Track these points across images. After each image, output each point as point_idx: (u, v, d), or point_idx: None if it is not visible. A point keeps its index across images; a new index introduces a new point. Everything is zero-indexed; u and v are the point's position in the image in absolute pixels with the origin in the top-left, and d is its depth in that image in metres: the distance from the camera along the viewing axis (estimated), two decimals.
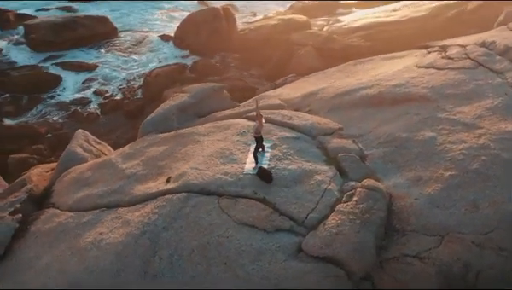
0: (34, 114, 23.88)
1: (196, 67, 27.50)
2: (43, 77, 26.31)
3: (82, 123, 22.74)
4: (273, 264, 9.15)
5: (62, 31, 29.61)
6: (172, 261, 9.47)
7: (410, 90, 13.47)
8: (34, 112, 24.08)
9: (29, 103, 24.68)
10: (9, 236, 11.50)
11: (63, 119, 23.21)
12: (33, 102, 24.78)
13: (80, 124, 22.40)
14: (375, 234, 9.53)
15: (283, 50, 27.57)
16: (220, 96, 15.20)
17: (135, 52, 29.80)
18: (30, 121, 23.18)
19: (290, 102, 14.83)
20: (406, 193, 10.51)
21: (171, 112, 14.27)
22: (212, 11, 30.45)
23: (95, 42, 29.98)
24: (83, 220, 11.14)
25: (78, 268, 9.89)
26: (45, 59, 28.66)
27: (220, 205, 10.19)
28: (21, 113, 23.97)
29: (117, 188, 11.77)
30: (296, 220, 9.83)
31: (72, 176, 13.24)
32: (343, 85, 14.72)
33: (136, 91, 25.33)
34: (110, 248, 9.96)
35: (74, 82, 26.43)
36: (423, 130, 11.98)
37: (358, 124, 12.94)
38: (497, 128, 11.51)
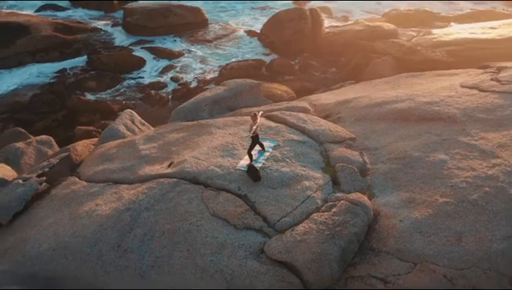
0: (113, 92, 25.62)
1: (272, 65, 27.81)
2: (128, 58, 28.09)
3: (153, 106, 24.01)
4: (231, 260, 9.24)
5: (155, 17, 31.36)
6: (144, 240, 9.91)
7: (441, 109, 12.72)
8: (113, 90, 25.83)
9: (111, 81, 26.50)
10: (30, 195, 12.59)
11: (136, 100, 24.64)
12: (115, 81, 26.57)
13: (151, 107, 23.72)
14: (342, 248, 9.22)
15: (362, 57, 27.00)
16: (255, 93, 15.38)
17: (219, 44, 30.74)
18: (106, 98, 24.91)
19: (323, 108, 14.64)
20: (394, 213, 10.02)
21: (204, 102, 14.71)
22: (298, 11, 30.55)
23: (184, 31, 31.35)
24: (90, 191, 11.93)
25: (68, 232, 10.65)
26: (135, 42, 30.55)
27: (202, 195, 10.44)
28: (101, 90, 25.82)
29: (128, 166, 12.44)
30: (268, 221, 9.81)
31: (101, 151, 14.17)
32: (378, 96, 14.23)
33: (212, 82, 26.18)
34: (97, 219, 10.61)
35: (156, 66, 27.91)
36: (437, 152, 11.30)
37: (377, 138, 12.50)
38: None
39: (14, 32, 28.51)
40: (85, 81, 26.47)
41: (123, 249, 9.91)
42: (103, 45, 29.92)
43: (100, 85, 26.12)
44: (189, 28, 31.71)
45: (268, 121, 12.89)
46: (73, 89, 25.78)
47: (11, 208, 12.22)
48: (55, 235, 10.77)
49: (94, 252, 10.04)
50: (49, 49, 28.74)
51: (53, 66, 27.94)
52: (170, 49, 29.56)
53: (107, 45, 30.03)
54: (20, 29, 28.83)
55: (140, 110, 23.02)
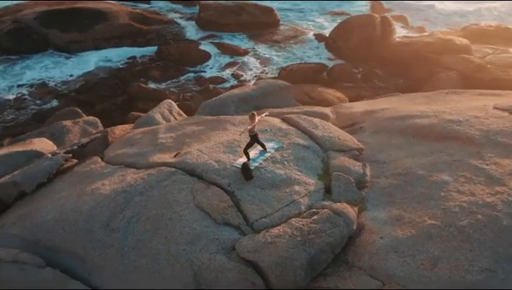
0: (173, 83, 26.60)
1: (333, 71, 27.54)
2: (194, 52, 29.01)
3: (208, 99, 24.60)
4: (202, 252, 9.43)
5: (227, 14, 32.11)
6: (130, 222, 10.34)
7: (462, 129, 12.09)
8: (174, 81, 26.81)
9: (174, 72, 27.52)
10: (54, 169, 13.43)
11: (193, 93, 25.42)
12: (178, 72, 27.57)
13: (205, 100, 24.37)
14: (311, 256, 9.10)
15: (427, 70, 26.02)
16: (285, 95, 15.41)
17: (286, 46, 30.88)
18: (166, 88, 25.92)
19: (349, 116, 14.42)
20: (378, 229, 9.73)
21: (231, 99, 14.99)
22: (368, 18, 29.95)
23: (254, 29, 31.80)
24: (103, 171, 12.58)
25: (71, 206, 11.32)
26: (205, 37, 31.47)
27: (193, 187, 10.71)
28: (164, 80, 26.89)
29: (143, 152, 12.96)
30: (248, 220, 9.90)
31: (129, 135, 14.86)
32: (405, 110, 13.76)
33: None
34: (96, 197, 11.20)
35: (220, 62, 28.61)
36: (442, 172, 10.79)
37: (390, 151, 12.14)
38: None
39: (94, 18, 30.42)
40: (151, 70, 27.68)
41: (111, 228, 10.40)
42: (174, 37, 31.09)
43: (163, 75, 27.20)
44: (260, 27, 32.13)
45: (281, 123, 12.90)
46: (138, 77, 27.05)
47: (36, 179, 13.13)
48: (61, 208, 11.48)
49: (86, 228, 10.62)
50: (124, 37, 30.34)
51: (125, 53, 29.46)
52: (236, 46, 30.16)
53: (178, 37, 31.18)
54: (99, 15, 30.71)
55: (195, 102, 23.71)
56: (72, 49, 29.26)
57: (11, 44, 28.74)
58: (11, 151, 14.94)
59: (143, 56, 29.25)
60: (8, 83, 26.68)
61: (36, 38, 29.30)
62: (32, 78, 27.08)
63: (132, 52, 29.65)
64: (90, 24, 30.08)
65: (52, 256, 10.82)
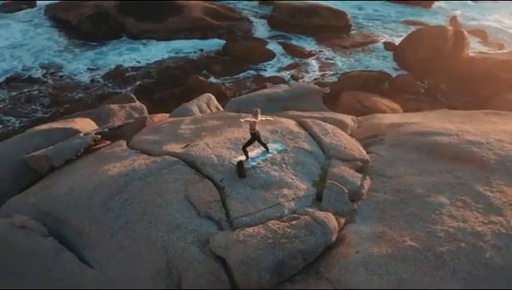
0: (233, 79, 27.07)
1: (395, 81, 26.69)
2: (260, 50, 29.31)
3: None
4: (178, 241, 9.68)
5: (298, 15, 32.10)
6: (124, 204, 10.79)
7: (479, 152, 11.42)
8: (235, 77, 27.27)
9: (236, 68, 27.99)
10: (81, 147, 14.19)
11: (248, 90, 25.73)
12: (239, 69, 28.01)
13: None
14: (278, 260, 9.04)
15: (496, 89, 24.51)
16: (315, 99, 15.27)
17: (352, 52, 30.36)
18: (224, 83, 26.46)
19: (374, 127, 14.06)
20: (356, 243, 9.47)
21: (260, 98, 15.11)
22: (440, 29, 28.64)
23: (324, 32, 31.53)
24: (121, 154, 13.18)
25: (79, 183, 12.01)
26: (273, 36, 31.67)
27: (187, 179, 10.97)
28: (224, 75, 27.46)
29: (161, 140, 13.43)
30: (229, 216, 10.02)
31: (158, 124, 15.44)
32: (431, 126, 13.15)
33: (326, 87, 26.16)
34: (103, 178, 11.79)
35: (283, 62, 28.71)
36: (441, 194, 10.28)
37: (400, 167, 11.71)
38: None
39: (171, 10, 31.64)
40: (214, 64, 28.36)
41: (107, 207, 10.91)
42: (243, 34, 31.60)
43: (225, 70, 27.77)
44: (330, 31, 31.80)
45: (295, 126, 12.83)
46: (201, 69, 27.85)
47: (64, 155, 14.01)
48: (74, 184, 12.21)
49: (87, 204, 11.21)
50: (194, 30, 31.30)
51: (193, 46, 30.40)
52: (301, 48, 30.10)
53: (247, 35, 31.65)
54: (176, 8, 31.89)
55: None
56: (145, 37, 30.64)
57: (90, 29, 30.65)
58: (52, 127, 16.01)
59: (210, 50, 30.01)
60: (84, 65, 28.48)
61: (113, 25, 31.04)
62: (106, 62, 28.69)
63: (201, 45, 30.53)
64: (165, 15, 31.34)
65: (57, 227, 11.53)
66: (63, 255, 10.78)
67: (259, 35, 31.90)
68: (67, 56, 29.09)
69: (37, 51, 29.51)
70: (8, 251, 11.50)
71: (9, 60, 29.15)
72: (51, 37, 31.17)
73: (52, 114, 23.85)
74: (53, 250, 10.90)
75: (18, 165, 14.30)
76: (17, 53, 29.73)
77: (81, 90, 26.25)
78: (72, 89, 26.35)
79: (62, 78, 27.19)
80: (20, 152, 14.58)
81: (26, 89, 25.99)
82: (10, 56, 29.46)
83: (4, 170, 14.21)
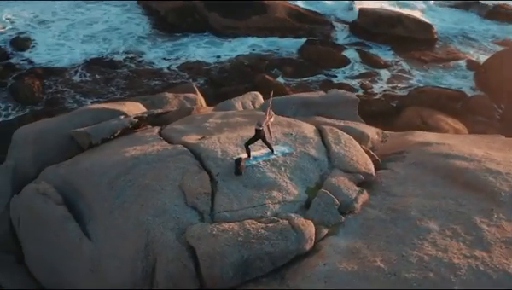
0: (300, 81, 27.02)
1: (469, 102, 25.06)
2: (335, 55, 28.91)
3: None
4: (159, 227, 10.06)
5: (381, 24, 31.22)
6: (126, 185, 11.34)
7: (492, 182, 10.65)
8: (302, 80, 27.20)
9: (306, 71, 27.86)
10: (117, 129, 14.82)
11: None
12: (309, 72, 27.82)
13: None
14: (245, 260, 9.12)
15: None
16: (350, 108, 14.92)
17: (431, 67, 28.89)
18: (290, 84, 26.55)
19: (402, 144, 13.51)
20: (328, 256, 9.28)
21: (293, 101, 15.07)
22: None
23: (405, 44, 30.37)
24: (147, 139, 13.68)
25: (100, 161, 12.74)
26: (352, 43, 31.10)
27: (187, 168, 11.31)
28: (293, 76, 27.45)
29: (185, 130, 13.82)
30: (213, 210, 10.22)
31: (194, 115, 15.88)
32: (459, 149, 12.34)
33: (394, 100, 25.36)
34: (118, 158, 12.43)
35: (356, 70, 28.16)
36: (434, 220, 9.77)
37: (409, 187, 11.20)
38: (499, 262, 8.51)
39: (254, 9, 32.18)
40: (286, 65, 28.49)
41: (111, 186, 11.55)
42: (323, 38, 31.38)
43: (295, 72, 27.80)
44: (412, 43, 30.55)
45: (312, 132, 12.69)
46: (272, 68, 28.14)
47: (102, 134, 14.85)
48: (96, 161, 13.00)
49: (98, 181, 11.92)
50: (275, 30, 31.57)
51: (271, 44, 30.72)
52: (378, 58, 29.27)
53: (326, 38, 31.36)
54: (260, 7, 32.37)
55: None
56: (226, 33, 31.45)
57: (175, 20, 32.04)
58: (101, 107, 17.10)
59: (286, 51, 30.15)
60: (164, 54, 29.84)
61: (197, 19, 32.18)
62: (184, 53, 29.86)
63: (278, 44, 30.78)
64: (248, 13, 31.95)
65: (74, 198, 12.42)
66: (69, 224, 11.58)
67: (339, 40, 31.53)
68: (150, 44, 30.65)
69: (124, 36, 31.38)
70: (33, 216, 12.56)
71: (101, 42, 31.23)
72: (139, 24, 32.98)
73: (126, 97, 25.20)
74: (62, 218, 11.75)
75: (65, 138, 15.37)
76: (109, 36, 31.73)
77: (157, 78, 27.53)
78: (149, 75, 27.71)
79: (141, 63, 28.70)
80: (69, 127, 15.65)
81: (106, 71, 27.75)
82: (102, 39, 31.54)
83: (53, 141, 15.36)
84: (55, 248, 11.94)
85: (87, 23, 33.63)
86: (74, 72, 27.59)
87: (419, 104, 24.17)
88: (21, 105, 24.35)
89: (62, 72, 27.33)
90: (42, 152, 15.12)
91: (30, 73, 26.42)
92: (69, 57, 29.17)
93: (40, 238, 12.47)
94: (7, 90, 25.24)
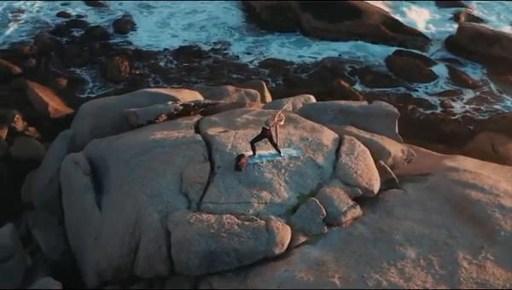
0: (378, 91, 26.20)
1: None
2: (421, 69, 27.39)
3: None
4: (149, 208, 10.63)
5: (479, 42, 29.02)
6: (139, 165, 12.01)
7: (498, 219, 9.87)
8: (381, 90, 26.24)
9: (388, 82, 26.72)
10: (161, 114, 15.44)
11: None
12: (390, 83, 26.61)
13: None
14: (210, 251, 9.38)
15: None
16: (389, 123, 14.30)
17: None
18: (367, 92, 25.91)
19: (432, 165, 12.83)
20: (294, 263, 9.26)
21: (332, 108, 14.82)
22: None
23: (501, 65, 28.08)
24: (180, 126, 14.15)
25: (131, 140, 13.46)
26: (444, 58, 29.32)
27: (194, 157, 11.71)
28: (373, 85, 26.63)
29: (215, 122, 14.15)
30: (201, 199, 10.54)
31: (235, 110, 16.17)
32: (480, 180, 11.51)
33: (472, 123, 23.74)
34: (144, 140, 13.07)
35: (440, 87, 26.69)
36: (415, 247, 9.34)
37: (411, 210, 10.69)
38: None
39: (348, 13, 31.63)
40: (368, 73, 27.68)
41: (127, 164, 12.32)
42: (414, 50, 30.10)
43: (376, 81, 26.93)
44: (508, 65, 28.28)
45: (330, 140, 12.47)
46: (353, 75, 27.66)
47: (147, 116, 15.68)
48: (128, 139, 13.81)
49: (120, 157, 12.76)
50: (366, 37, 30.83)
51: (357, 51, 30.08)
52: (467, 76, 27.38)
53: (416, 51, 30.01)
54: (355, 12, 31.71)
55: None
56: (316, 35, 31.24)
57: (268, 17, 32.42)
58: (158, 91, 18.06)
59: (371, 59, 29.34)
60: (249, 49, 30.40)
61: (290, 18, 32.32)
62: (269, 51, 30.21)
63: (365, 51, 29.97)
64: (341, 17, 31.51)
65: (103, 171, 13.39)
66: (88, 193, 12.56)
67: (430, 54, 30.03)
68: (238, 37, 31.40)
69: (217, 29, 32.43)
70: (67, 182, 13.74)
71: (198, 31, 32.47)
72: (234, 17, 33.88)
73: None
74: (84, 187, 12.75)
75: (120, 116, 16.49)
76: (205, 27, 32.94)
77: (238, 71, 28.19)
78: (231, 68, 28.46)
79: (226, 55, 29.55)
80: (126, 106, 16.75)
81: (192, 60, 28.95)
82: (199, 28, 32.82)
83: (109, 118, 16.57)
84: (78, 214, 12.96)
85: (188, 12, 35.09)
86: (163, 57, 29.10)
87: (497, 130, 22.42)
88: (107, 83, 26.22)
89: (151, 57, 28.94)
90: (98, 126, 16.36)
91: (121, 54, 28.26)
92: (163, 43, 30.66)
93: (71, 203, 13.60)
94: (98, 68, 27.24)
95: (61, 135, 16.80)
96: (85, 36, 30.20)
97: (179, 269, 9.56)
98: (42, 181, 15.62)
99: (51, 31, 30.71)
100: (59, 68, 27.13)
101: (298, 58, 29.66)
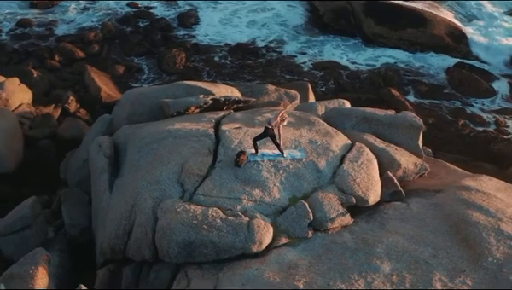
0: (431, 104, 25.30)
1: None
2: (480, 85, 26.10)
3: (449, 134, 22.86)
4: (146, 193, 11.03)
5: None
6: (149, 152, 12.38)
7: (489, 243, 9.42)
8: (434, 102, 25.31)
9: (442, 94, 25.75)
10: (192, 106, 16.11)
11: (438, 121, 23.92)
12: (445, 96, 25.52)
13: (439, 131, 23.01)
14: (189, 241, 9.64)
15: None
16: (413, 135, 13.77)
17: None
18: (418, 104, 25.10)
19: (445, 182, 12.42)
20: (267, 263, 9.35)
21: (356, 114, 14.49)
22: None
23: None
24: (201, 119, 14.49)
25: (149, 129, 13.97)
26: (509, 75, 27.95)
27: (199, 150, 11.97)
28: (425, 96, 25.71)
29: (237, 119, 14.33)
30: (195, 189, 10.80)
31: (259, 108, 16.28)
32: (489, 202, 10.93)
33: None
34: (160, 129, 13.51)
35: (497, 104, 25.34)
36: (392, 263, 9.16)
37: (406, 225, 10.39)
38: None
39: (412, 21, 30.61)
40: (424, 83, 26.84)
41: (139, 150, 12.75)
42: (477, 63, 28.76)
43: (429, 93, 25.95)
44: None
45: (340, 145, 12.30)
46: (407, 84, 26.87)
47: (177, 108, 16.13)
48: (152, 128, 14.26)
49: (135, 144, 13.26)
50: (427, 46, 29.81)
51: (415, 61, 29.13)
52: None
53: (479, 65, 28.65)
54: (419, 20, 30.65)
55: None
56: (376, 41, 30.57)
57: (330, 20, 32.03)
58: (195, 84, 18.50)
59: (431, 69, 28.35)
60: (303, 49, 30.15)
61: (352, 22, 31.83)
62: (326, 53, 29.93)
63: (426, 61, 28.96)
64: (404, 24, 30.64)
65: (122, 155, 13.95)
66: (104, 175, 13.17)
67: (492, 70, 28.56)
68: (295, 37, 31.35)
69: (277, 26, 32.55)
70: (91, 164, 14.44)
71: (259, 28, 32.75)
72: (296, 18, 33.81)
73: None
74: (101, 168, 13.38)
75: (156, 105, 17.10)
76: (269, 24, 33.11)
77: (291, 71, 28.15)
78: (285, 67, 28.48)
79: (281, 54, 29.59)
80: (163, 95, 17.36)
81: (247, 57, 29.31)
82: (261, 26, 33.07)
83: (146, 106, 17.23)
84: (95, 194, 13.65)
85: (253, 9, 35.35)
86: (219, 52, 29.64)
87: None
88: (162, 74, 27.10)
89: (208, 51, 29.55)
90: (135, 113, 17.05)
91: (179, 46, 29.07)
92: (222, 39, 31.19)
93: (92, 183, 14.30)
94: (155, 59, 28.21)
95: (100, 118, 17.66)
96: (149, 27, 31.20)
97: (161, 255, 9.87)
98: (77, 161, 16.50)
99: (118, 19, 31.98)
100: (119, 56, 28.36)
101: (352, 63, 29.25)
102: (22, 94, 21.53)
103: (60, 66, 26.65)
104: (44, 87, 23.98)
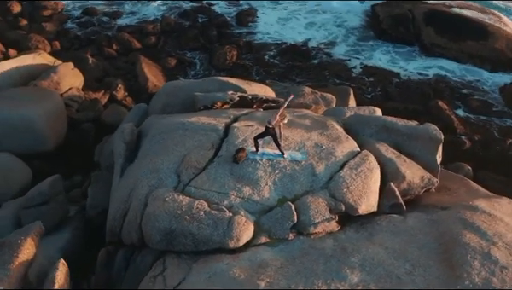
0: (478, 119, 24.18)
1: None
2: None
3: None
4: (144, 181, 11.44)
5: None
6: (158, 142, 12.84)
7: (471, 267, 8.93)
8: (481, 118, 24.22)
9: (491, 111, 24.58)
10: (219, 101, 16.37)
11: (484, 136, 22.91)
12: (495, 113, 24.50)
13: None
14: (171, 231, 9.92)
15: None
16: (431, 148, 13.27)
17: None
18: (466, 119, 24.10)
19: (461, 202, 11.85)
20: (238, 259, 9.45)
21: (376, 122, 14.22)
22: None
23: None
24: (221, 114, 14.76)
25: (169, 120, 14.46)
26: None
27: (203, 143, 12.23)
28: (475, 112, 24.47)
29: (256, 117, 14.51)
30: (189, 181, 11.07)
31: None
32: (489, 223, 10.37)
33: None
34: (176, 120, 13.90)
35: None
36: (362, 274, 8.97)
37: (395, 238, 10.12)
38: None
39: (474, 34, 29.36)
40: (476, 99, 25.74)
41: (152, 139, 13.21)
42: None
43: (480, 109, 24.80)
44: None
45: (344, 151, 12.13)
46: (458, 99, 25.88)
47: (205, 102, 16.51)
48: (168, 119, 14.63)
49: (152, 133, 13.70)
50: (487, 60, 28.42)
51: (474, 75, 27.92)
52: None
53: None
54: (481, 32, 29.41)
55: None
56: (433, 51, 29.60)
57: (388, 27, 31.28)
58: (227, 80, 18.79)
59: (486, 85, 27.10)
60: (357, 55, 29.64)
61: (411, 30, 30.93)
62: (378, 59, 29.32)
63: (482, 76, 27.68)
64: (465, 36, 29.48)
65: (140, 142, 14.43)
66: (120, 159, 13.70)
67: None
68: (348, 41, 30.97)
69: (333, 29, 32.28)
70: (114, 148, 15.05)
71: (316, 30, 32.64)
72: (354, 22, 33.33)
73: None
74: (119, 154, 13.93)
75: (189, 98, 17.54)
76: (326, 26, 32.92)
77: (339, 75, 27.77)
78: (334, 71, 28.11)
79: (332, 57, 29.35)
80: (196, 89, 17.82)
81: (297, 58, 29.27)
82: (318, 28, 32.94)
83: (180, 98, 17.74)
84: (113, 179, 14.23)
85: (313, 10, 35.24)
86: (270, 51, 29.82)
87: None
88: (212, 69, 27.63)
89: (260, 50, 29.81)
90: (169, 104, 17.58)
91: (233, 44, 29.47)
92: (277, 38, 31.39)
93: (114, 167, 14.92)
94: (208, 54, 28.79)
95: (136, 107, 18.38)
96: (207, 22, 31.87)
97: (146, 240, 10.21)
98: (110, 146, 17.19)
99: (179, 13, 32.87)
100: (173, 49, 29.21)
101: (404, 71, 28.54)
102: (74, 78, 22.68)
103: (116, 54, 27.83)
104: (98, 73, 25.14)
